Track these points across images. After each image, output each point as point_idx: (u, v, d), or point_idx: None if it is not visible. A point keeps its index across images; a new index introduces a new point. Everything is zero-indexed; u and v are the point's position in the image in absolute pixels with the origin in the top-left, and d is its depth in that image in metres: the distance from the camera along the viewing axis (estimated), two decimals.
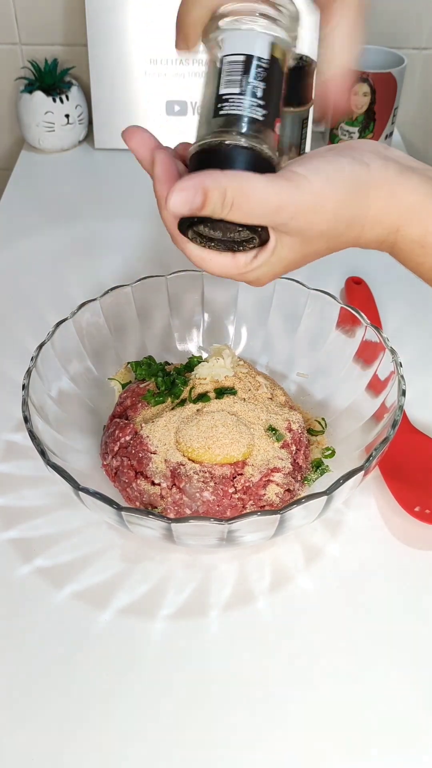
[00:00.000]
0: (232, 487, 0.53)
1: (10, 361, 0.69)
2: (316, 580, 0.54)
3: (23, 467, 0.61)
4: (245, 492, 0.53)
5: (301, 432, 0.58)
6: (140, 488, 0.54)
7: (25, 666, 0.49)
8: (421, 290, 0.79)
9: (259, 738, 0.46)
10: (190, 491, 0.52)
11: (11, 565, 0.54)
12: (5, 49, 1.04)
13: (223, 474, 0.53)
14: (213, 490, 0.53)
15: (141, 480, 0.54)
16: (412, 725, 0.46)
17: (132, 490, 0.54)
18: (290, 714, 0.47)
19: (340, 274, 0.81)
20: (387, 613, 0.52)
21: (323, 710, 0.47)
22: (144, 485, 0.54)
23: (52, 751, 0.45)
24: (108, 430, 0.59)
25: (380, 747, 0.45)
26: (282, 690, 0.48)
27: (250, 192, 0.39)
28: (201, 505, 0.53)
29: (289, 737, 0.46)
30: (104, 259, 0.85)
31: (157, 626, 0.51)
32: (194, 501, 0.52)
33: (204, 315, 0.70)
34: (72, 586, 0.53)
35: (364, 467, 0.49)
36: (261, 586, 0.53)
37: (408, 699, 0.47)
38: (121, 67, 1.00)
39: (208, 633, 0.51)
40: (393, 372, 0.57)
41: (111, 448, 0.57)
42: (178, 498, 0.53)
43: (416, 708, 0.47)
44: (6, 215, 0.94)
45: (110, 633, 0.51)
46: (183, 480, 0.53)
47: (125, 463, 0.55)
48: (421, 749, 0.45)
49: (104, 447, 0.58)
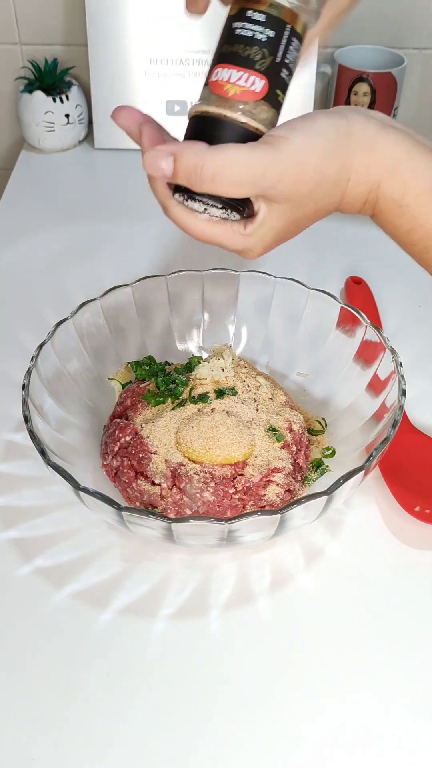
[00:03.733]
0: (232, 488, 0.53)
1: (10, 361, 0.69)
2: (316, 580, 0.54)
3: (23, 467, 0.61)
4: (245, 492, 0.53)
5: (301, 432, 0.58)
6: (140, 488, 0.54)
7: (26, 666, 0.49)
8: (421, 289, 0.79)
9: (260, 737, 0.46)
10: (191, 491, 0.52)
11: (11, 565, 0.54)
12: (5, 49, 1.04)
13: (223, 474, 0.53)
14: (213, 490, 0.53)
15: (141, 480, 0.54)
16: (413, 724, 0.46)
17: (132, 491, 0.54)
18: (290, 714, 0.47)
19: (340, 274, 0.81)
20: (387, 612, 0.52)
21: (323, 709, 0.47)
22: (144, 485, 0.54)
23: (53, 751, 0.45)
24: (108, 430, 0.59)
25: (382, 747, 0.45)
26: (282, 690, 0.48)
27: (232, 163, 0.40)
28: (201, 505, 0.53)
29: (289, 737, 0.46)
30: (104, 259, 0.85)
31: (158, 626, 0.51)
32: (195, 501, 0.52)
33: (204, 315, 0.70)
34: (72, 586, 0.53)
35: (365, 467, 0.49)
36: (261, 586, 0.53)
37: (409, 698, 0.47)
38: (121, 67, 1.00)
39: (208, 633, 0.51)
40: (393, 372, 0.57)
41: (111, 448, 0.57)
42: (179, 498, 0.53)
43: (417, 707, 0.47)
44: (6, 215, 0.94)
45: (110, 633, 0.51)
46: (183, 480, 0.53)
47: (125, 464, 0.55)
48: (421, 750, 0.45)
49: (104, 447, 0.58)
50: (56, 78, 1.02)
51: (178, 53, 0.99)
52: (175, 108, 1.01)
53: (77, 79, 1.05)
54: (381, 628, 0.51)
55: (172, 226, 0.46)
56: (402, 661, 0.49)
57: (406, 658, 0.49)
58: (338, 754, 0.45)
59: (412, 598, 0.53)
